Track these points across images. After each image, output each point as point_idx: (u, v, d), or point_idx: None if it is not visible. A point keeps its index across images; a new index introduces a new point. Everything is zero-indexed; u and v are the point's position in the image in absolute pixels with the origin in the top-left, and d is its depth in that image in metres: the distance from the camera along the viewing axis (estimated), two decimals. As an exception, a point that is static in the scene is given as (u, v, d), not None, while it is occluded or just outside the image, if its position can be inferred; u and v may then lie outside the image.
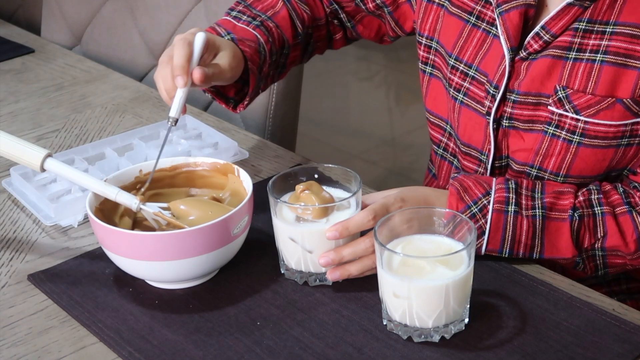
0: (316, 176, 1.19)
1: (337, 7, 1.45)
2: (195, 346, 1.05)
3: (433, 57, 1.35)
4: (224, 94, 1.34)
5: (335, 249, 1.12)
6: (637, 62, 1.15)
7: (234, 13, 1.37)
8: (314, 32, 1.45)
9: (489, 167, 1.29)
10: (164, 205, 1.17)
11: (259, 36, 1.33)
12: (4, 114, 1.69)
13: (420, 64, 1.38)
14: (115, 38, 2.02)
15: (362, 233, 1.13)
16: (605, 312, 1.08)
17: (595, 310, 1.08)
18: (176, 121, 1.20)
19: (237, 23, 1.34)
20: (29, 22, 2.34)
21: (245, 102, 1.32)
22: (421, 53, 1.37)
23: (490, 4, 1.26)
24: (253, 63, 1.29)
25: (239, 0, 1.40)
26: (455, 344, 1.04)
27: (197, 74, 1.18)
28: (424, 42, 1.36)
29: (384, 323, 1.07)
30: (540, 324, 1.06)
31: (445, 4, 1.32)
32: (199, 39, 1.21)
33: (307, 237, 1.12)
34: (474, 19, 1.28)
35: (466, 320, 1.06)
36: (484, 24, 1.27)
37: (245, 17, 1.36)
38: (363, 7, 1.43)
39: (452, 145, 1.37)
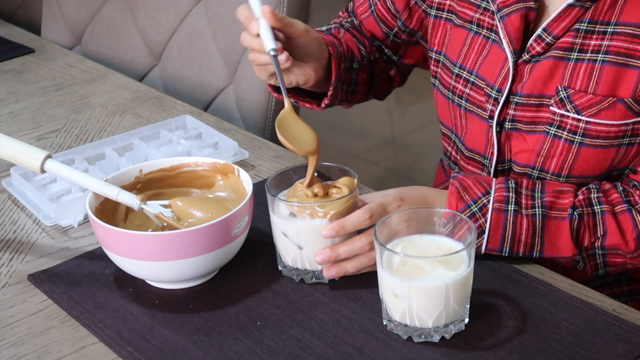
0: (315, 174, 1.19)
1: (379, 43, 1.46)
2: (195, 346, 1.05)
3: (440, 70, 1.36)
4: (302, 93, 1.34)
5: (332, 246, 1.12)
6: (638, 61, 1.15)
7: None
8: (376, 63, 1.47)
9: (492, 171, 1.29)
10: (165, 202, 1.17)
11: (332, 38, 1.34)
12: (4, 114, 1.69)
13: (431, 77, 1.39)
14: (115, 38, 2.02)
15: (360, 231, 1.14)
16: (606, 312, 1.08)
17: (595, 310, 1.08)
18: (275, 51, 1.16)
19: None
20: (29, 22, 2.34)
21: (330, 93, 1.31)
22: (432, 67, 1.38)
23: (488, 10, 1.26)
24: (334, 50, 1.30)
25: None
26: (455, 344, 1.04)
27: (266, 8, 1.17)
28: (433, 56, 1.37)
29: (384, 323, 1.07)
30: (540, 324, 1.06)
31: (451, 18, 1.33)
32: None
33: (303, 233, 1.12)
34: (475, 27, 1.29)
35: (466, 320, 1.06)
36: (484, 31, 1.27)
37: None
38: (400, 41, 1.45)
39: (454, 153, 1.37)
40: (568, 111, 1.19)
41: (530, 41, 1.22)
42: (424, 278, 1.02)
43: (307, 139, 1.15)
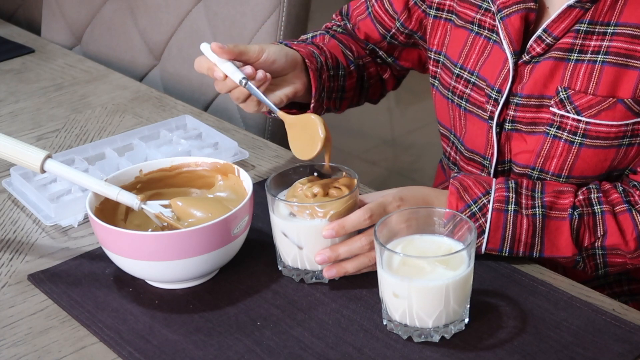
0: (315, 174, 1.19)
1: (373, 46, 1.46)
2: (195, 346, 1.05)
3: (440, 70, 1.35)
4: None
5: (332, 246, 1.12)
6: (638, 62, 1.15)
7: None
8: (365, 67, 1.46)
9: (491, 171, 1.29)
10: (165, 202, 1.17)
11: (311, 49, 1.34)
12: (4, 114, 1.69)
13: (430, 78, 1.39)
14: (115, 38, 2.02)
15: (360, 231, 1.14)
16: (605, 312, 1.08)
17: (595, 310, 1.08)
18: (246, 78, 1.19)
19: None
20: (29, 22, 2.34)
21: (312, 105, 1.30)
22: (431, 67, 1.38)
23: (489, 11, 1.26)
24: (311, 62, 1.30)
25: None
26: (455, 344, 1.04)
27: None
28: (432, 56, 1.37)
29: (384, 323, 1.07)
30: (540, 324, 1.06)
31: (452, 18, 1.33)
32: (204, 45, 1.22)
33: (303, 233, 1.12)
34: (476, 27, 1.29)
35: (466, 320, 1.06)
36: (485, 31, 1.27)
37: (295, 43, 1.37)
38: (396, 42, 1.44)
39: (453, 153, 1.37)
40: (568, 112, 1.19)
41: (530, 42, 1.22)
42: (424, 278, 1.02)
43: (315, 137, 1.16)
